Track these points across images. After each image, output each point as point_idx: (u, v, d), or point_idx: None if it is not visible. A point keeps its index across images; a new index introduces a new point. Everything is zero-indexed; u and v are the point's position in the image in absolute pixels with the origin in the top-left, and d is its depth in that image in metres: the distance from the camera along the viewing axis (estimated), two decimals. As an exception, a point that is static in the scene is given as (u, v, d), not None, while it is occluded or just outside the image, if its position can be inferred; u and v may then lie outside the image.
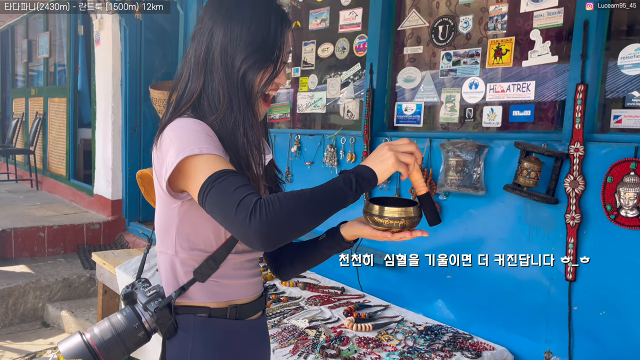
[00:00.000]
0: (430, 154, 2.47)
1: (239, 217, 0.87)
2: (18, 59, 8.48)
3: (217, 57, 1.04)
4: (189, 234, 1.06)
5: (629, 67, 1.92)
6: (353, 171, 0.96)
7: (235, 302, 1.11)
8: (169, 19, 5.05)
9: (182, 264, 1.08)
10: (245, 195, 0.88)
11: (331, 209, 0.94)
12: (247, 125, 1.03)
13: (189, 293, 1.08)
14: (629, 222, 1.83)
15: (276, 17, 1.05)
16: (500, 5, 2.30)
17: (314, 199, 0.91)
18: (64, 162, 6.48)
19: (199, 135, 0.98)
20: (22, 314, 4.09)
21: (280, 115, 3.49)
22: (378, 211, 1.01)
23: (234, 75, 1.04)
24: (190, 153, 0.95)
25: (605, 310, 1.93)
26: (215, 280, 1.08)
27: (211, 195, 0.91)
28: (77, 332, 1.09)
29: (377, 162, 0.96)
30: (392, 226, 1.01)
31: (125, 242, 5.09)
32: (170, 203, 1.05)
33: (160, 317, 1.07)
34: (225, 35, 1.04)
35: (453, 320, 2.37)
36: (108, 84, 5.21)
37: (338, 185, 0.93)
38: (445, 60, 2.50)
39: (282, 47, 1.05)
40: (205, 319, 1.08)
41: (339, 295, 2.62)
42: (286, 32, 1.06)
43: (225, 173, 0.92)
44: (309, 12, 3.23)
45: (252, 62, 1.03)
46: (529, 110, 2.20)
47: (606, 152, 1.91)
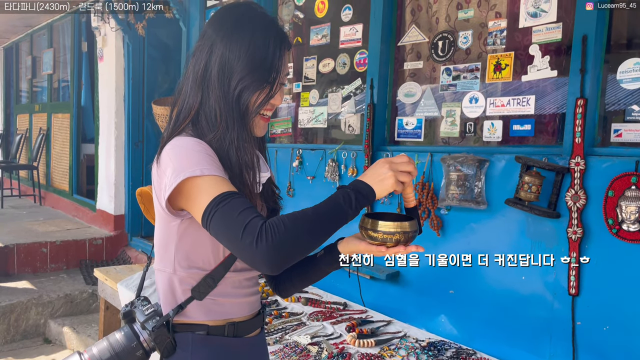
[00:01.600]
0: (431, 169, 2.47)
1: (246, 241, 0.88)
2: (22, 75, 8.55)
3: (215, 75, 1.05)
4: (187, 251, 1.06)
5: (629, 81, 1.93)
6: (352, 188, 0.97)
7: (233, 319, 1.11)
8: (171, 35, 5.11)
9: (180, 282, 1.08)
10: (251, 219, 0.89)
11: (333, 227, 0.95)
12: (241, 144, 1.04)
13: (186, 311, 1.08)
14: (631, 236, 1.82)
15: (275, 40, 1.06)
16: (499, 21, 2.31)
17: (316, 219, 0.92)
18: (67, 177, 6.51)
19: (199, 155, 0.98)
20: (24, 330, 4.08)
21: (281, 130, 3.51)
22: (372, 225, 1.02)
23: (230, 94, 1.04)
24: (192, 174, 0.95)
25: (609, 325, 1.91)
26: (213, 299, 1.08)
27: (216, 219, 0.92)
28: (75, 352, 1.09)
29: (377, 181, 0.97)
30: (386, 240, 1.01)
31: (127, 258, 5.08)
32: (169, 221, 1.06)
33: (158, 335, 1.07)
34: (224, 54, 1.05)
35: (456, 336, 2.35)
36: (111, 99, 5.25)
37: (338, 203, 0.94)
38: (445, 75, 2.52)
39: (279, 69, 1.06)
40: (203, 337, 1.08)
41: (341, 310, 2.60)
42: (285, 55, 1.07)
43: (229, 195, 0.93)
44: (310, 28, 3.26)
45: (248, 82, 1.04)
46: (529, 124, 2.20)
47: (607, 166, 1.91)
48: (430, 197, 2.44)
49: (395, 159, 1.00)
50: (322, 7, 3.18)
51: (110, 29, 5.11)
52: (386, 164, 0.98)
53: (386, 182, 0.97)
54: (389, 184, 0.97)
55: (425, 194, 2.45)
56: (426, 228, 2.46)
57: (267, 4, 3.54)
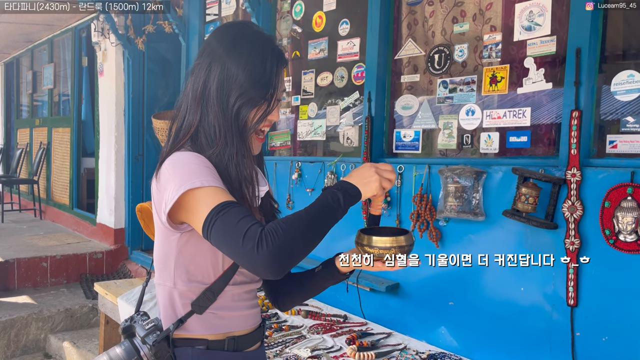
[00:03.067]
0: (429, 180, 2.49)
1: (247, 248, 0.90)
2: (23, 90, 8.59)
3: (214, 92, 1.08)
4: (187, 265, 1.08)
5: (623, 92, 1.95)
6: (339, 188, 1.00)
7: (233, 333, 1.12)
8: (171, 49, 5.15)
9: (180, 296, 1.09)
10: (250, 225, 0.92)
11: (326, 227, 0.98)
12: (240, 159, 1.06)
13: (186, 325, 1.09)
14: (627, 247, 1.83)
15: (272, 57, 1.08)
16: (494, 34, 2.34)
17: (310, 220, 0.95)
18: (68, 191, 6.52)
19: (199, 167, 1.01)
20: (24, 345, 4.07)
21: (281, 142, 3.53)
22: (367, 241, 1.04)
23: (229, 111, 1.07)
24: (192, 186, 0.98)
25: (607, 336, 1.92)
26: (213, 312, 1.09)
27: (216, 228, 0.94)
28: None
29: (363, 183, 1.02)
30: (382, 255, 1.03)
31: (128, 271, 5.08)
32: (169, 235, 1.07)
33: (158, 350, 1.08)
34: (222, 72, 1.07)
35: (456, 347, 2.35)
36: (111, 113, 5.28)
37: (328, 204, 0.98)
38: (441, 87, 2.54)
39: (276, 85, 1.09)
40: (203, 351, 1.09)
41: (341, 323, 2.60)
42: (281, 71, 1.10)
43: (228, 205, 0.95)
44: (308, 42, 3.29)
45: (246, 99, 1.06)
46: (525, 136, 2.22)
47: (603, 177, 1.93)
48: (428, 208, 2.45)
49: (380, 165, 1.05)
50: (320, 22, 3.22)
51: (110, 43, 5.15)
52: (372, 167, 1.03)
53: (372, 185, 1.02)
54: (374, 187, 1.02)
55: (423, 206, 2.47)
56: (425, 240, 2.47)
57: (265, 18, 3.58)
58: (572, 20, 2.03)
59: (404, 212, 2.59)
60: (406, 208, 2.57)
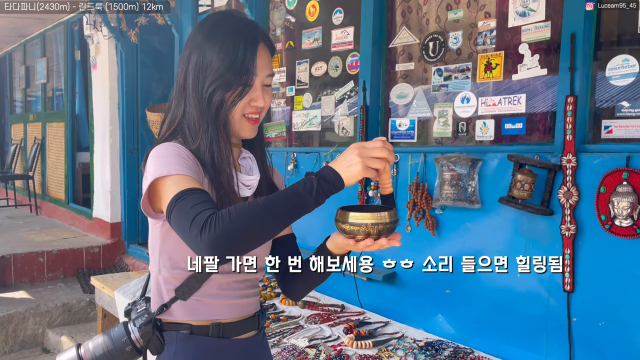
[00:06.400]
0: (425, 169, 2.48)
1: (193, 233, 0.90)
2: (16, 85, 8.53)
3: (191, 82, 1.08)
4: (170, 253, 1.09)
5: (617, 77, 1.95)
6: (318, 174, 0.94)
7: (219, 320, 1.13)
8: (164, 42, 5.12)
9: (165, 282, 1.12)
10: (200, 211, 0.91)
11: (288, 215, 0.93)
12: (216, 146, 1.06)
13: (171, 310, 1.12)
14: (623, 232, 1.83)
15: (246, 42, 1.06)
16: (488, 21, 2.33)
17: (266, 208, 0.91)
18: (63, 186, 6.50)
19: (171, 157, 1.03)
20: (22, 340, 4.07)
21: (276, 133, 3.52)
22: (342, 217, 0.97)
23: (203, 98, 1.07)
24: (160, 175, 1.00)
25: (604, 321, 1.92)
26: (197, 299, 1.11)
27: (174, 214, 0.95)
28: (74, 346, 1.15)
29: (344, 167, 0.94)
30: (355, 233, 0.96)
31: (125, 265, 5.08)
32: (154, 223, 1.11)
33: (144, 332, 1.12)
34: (198, 61, 1.07)
35: (454, 335, 2.36)
36: (105, 107, 5.25)
37: (296, 191, 0.92)
38: (436, 75, 2.53)
39: (251, 70, 1.06)
40: (186, 336, 1.11)
41: (338, 312, 2.61)
42: (257, 56, 1.07)
43: (188, 192, 0.96)
44: (302, 32, 3.27)
45: (218, 84, 1.05)
46: (520, 122, 2.22)
47: (598, 163, 1.92)
48: (424, 197, 2.45)
49: (368, 143, 0.95)
50: (313, 11, 3.20)
51: (102, 37, 5.11)
52: (356, 149, 0.94)
53: (353, 169, 0.93)
54: (356, 171, 0.93)
55: (419, 194, 2.46)
56: (421, 228, 2.47)
57: (258, 8, 3.56)
58: (566, 5, 2.02)
59: (400, 201, 2.58)
60: (402, 197, 2.57)
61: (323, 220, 1.02)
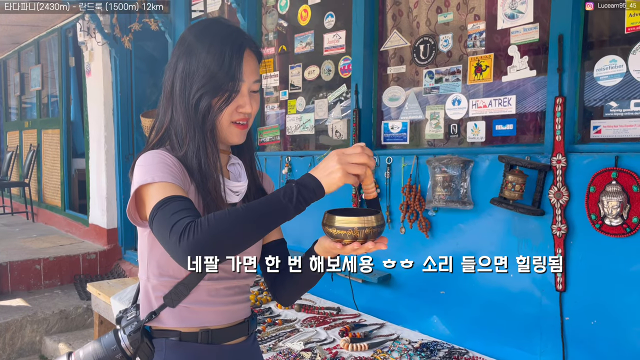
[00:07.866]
0: (417, 171, 2.50)
1: (172, 240, 0.90)
2: (11, 92, 8.53)
3: (178, 89, 1.09)
4: (158, 260, 1.10)
5: (605, 78, 1.96)
6: (298, 181, 0.95)
7: (207, 327, 1.13)
8: (158, 48, 5.12)
9: (153, 289, 1.12)
10: (180, 218, 0.92)
11: (268, 223, 0.93)
12: (202, 153, 1.07)
13: (160, 317, 1.12)
14: (613, 231, 1.85)
15: (232, 49, 1.07)
16: (477, 24, 2.35)
17: (246, 215, 0.92)
18: (59, 193, 6.49)
19: (156, 165, 1.03)
20: (19, 348, 4.06)
21: (270, 137, 3.53)
22: (328, 221, 0.97)
23: (190, 104, 1.07)
24: (144, 182, 1.01)
25: (596, 320, 1.94)
26: (186, 306, 1.11)
27: (155, 221, 0.96)
28: (65, 354, 1.16)
29: (325, 174, 0.94)
30: (342, 237, 0.96)
31: (121, 271, 5.08)
32: (142, 231, 1.12)
33: (133, 340, 1.13)
34: (185, 67, 1.08)
35: (449, 336, 2.37)
36: (100, 113, 5.26)
37: (276, 199, 0.93)
38: (427, 78, 2.55)
39: (237, 77, 1.07)
40: (175, 343, 1.12)
41: (334, 315, 2.62)
42: (243, 63, 1.07)
43: (170, 199, 0.96)
44: (295, 37, 3.29)
45: (204, 90, 1.06)
46: (511, 124, 2.23)
47: (588, 163, 1.94)
48: (417, 199, 2.46)
49: (348, 150, 0.95)
50: (305, 15, 3.21)
51: (96, 43, 5.12)
52: (336, 156, 0.94)
53: (333, 176, 0.93)
54: (336, 178, 0.93)
55: (412, 196, 2.48)
56: (415, 230, 2.48)
57: (251, 13, 3.57)
58: (554, 6, 2.04)
59: (393, 203, 2.60)
60: (395, 199, 2.58)
61: (317, 223, 1.02)
